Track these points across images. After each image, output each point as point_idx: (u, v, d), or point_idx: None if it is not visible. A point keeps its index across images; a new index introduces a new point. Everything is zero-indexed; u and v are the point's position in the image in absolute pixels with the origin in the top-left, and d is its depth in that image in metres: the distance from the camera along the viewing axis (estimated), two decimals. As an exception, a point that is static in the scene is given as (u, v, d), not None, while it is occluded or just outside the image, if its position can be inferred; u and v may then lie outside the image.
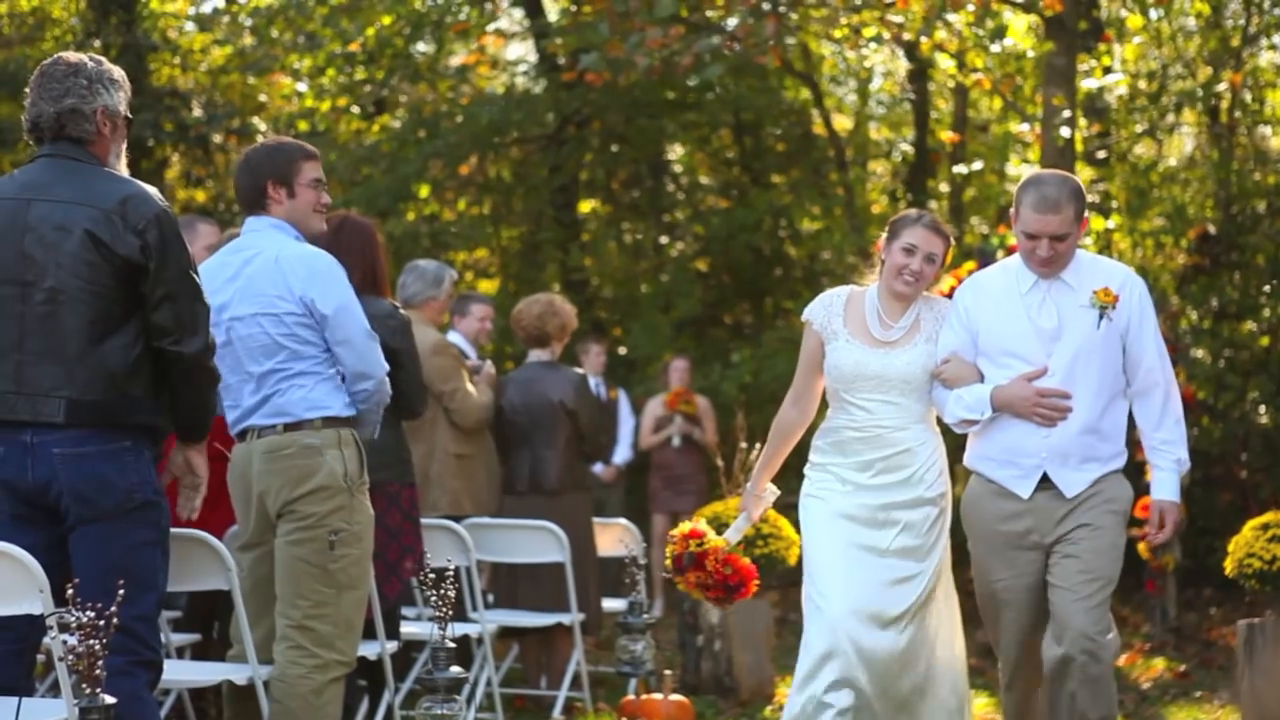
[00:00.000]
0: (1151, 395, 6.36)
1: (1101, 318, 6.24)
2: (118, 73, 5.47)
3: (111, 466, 5.24)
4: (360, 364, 6.12)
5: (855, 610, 6.40)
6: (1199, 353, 13.29)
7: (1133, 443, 6.66)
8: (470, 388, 8.84)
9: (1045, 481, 6.31)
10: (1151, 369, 6.34)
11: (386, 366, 6.24)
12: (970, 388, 6.38)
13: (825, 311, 6.66)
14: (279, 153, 6.25)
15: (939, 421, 6.65)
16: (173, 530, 5.55)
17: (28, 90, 5.54)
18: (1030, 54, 13.32)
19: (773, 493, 6.88)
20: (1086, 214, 6.29)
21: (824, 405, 6.79)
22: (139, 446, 5.31)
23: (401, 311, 7.49)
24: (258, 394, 6.12)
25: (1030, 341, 6.29)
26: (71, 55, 5.46)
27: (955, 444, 6.74)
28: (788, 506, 7.27)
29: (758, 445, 9.82)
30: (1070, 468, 6.28)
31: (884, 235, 6.63)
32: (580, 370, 9.68)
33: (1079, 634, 6.13)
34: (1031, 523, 6.32)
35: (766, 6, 11.59)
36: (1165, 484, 6.36)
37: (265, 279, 6.08)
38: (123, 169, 5.47)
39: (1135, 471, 6.30)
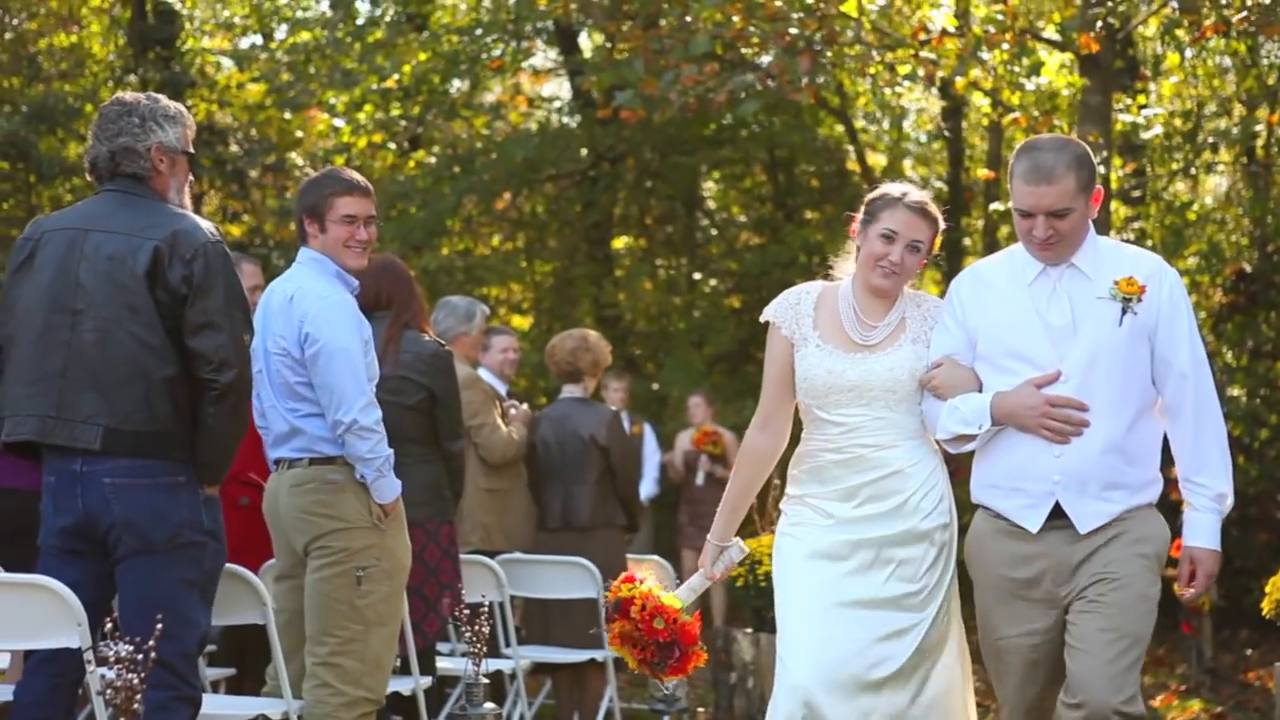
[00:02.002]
0: (1182, 413, 5.23)
1: (1124, 312, 5.17)
2: (175, 109, 5.56)
3: (165, 499, 5.28)
4: (332, 409, 6.06)
5: (825, 677, 5.25)
6: (1235, 391, 13.24)
7: (1170, 477, 5.52)
8: (500, 423, 8.86)
9: (1059, 514, 5.20)
10: (1182, 379, 5.20)
11: (356, 418, 6.02)
12: (966, 397, 5.30)
13: (792, 311, 5.56)
14: (316, 186, 6.29)
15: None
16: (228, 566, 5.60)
17: (71, 127, 5.62)
18: (1065, 92, 13.31)
19: (740, 549, 5.71)
20: (1098, 185, 5.26)
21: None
22: (193, 483, 5.35)
23: (445, 349, 7.54)
24: (287, 424, 6.15)
25: (1038, 340, 5.22)
26: (128, 95, 5.57)
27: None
28: None
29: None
30: (1090, 496, 5.16)
31: (859, 216, 5.59)
32: (614, 407, 9.69)
33: (1102, 706, 5.04)
34: (1044, 568, 5.23)
35: (801, 44, 11.61)
36: (1199, 527, 5.25)
37: (281, 317, 6.12)
38: (185, 202, 5.54)
39: (1170, 512, 5.48)
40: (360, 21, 17.23)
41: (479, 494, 8.82)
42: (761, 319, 5.60)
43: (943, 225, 5.57)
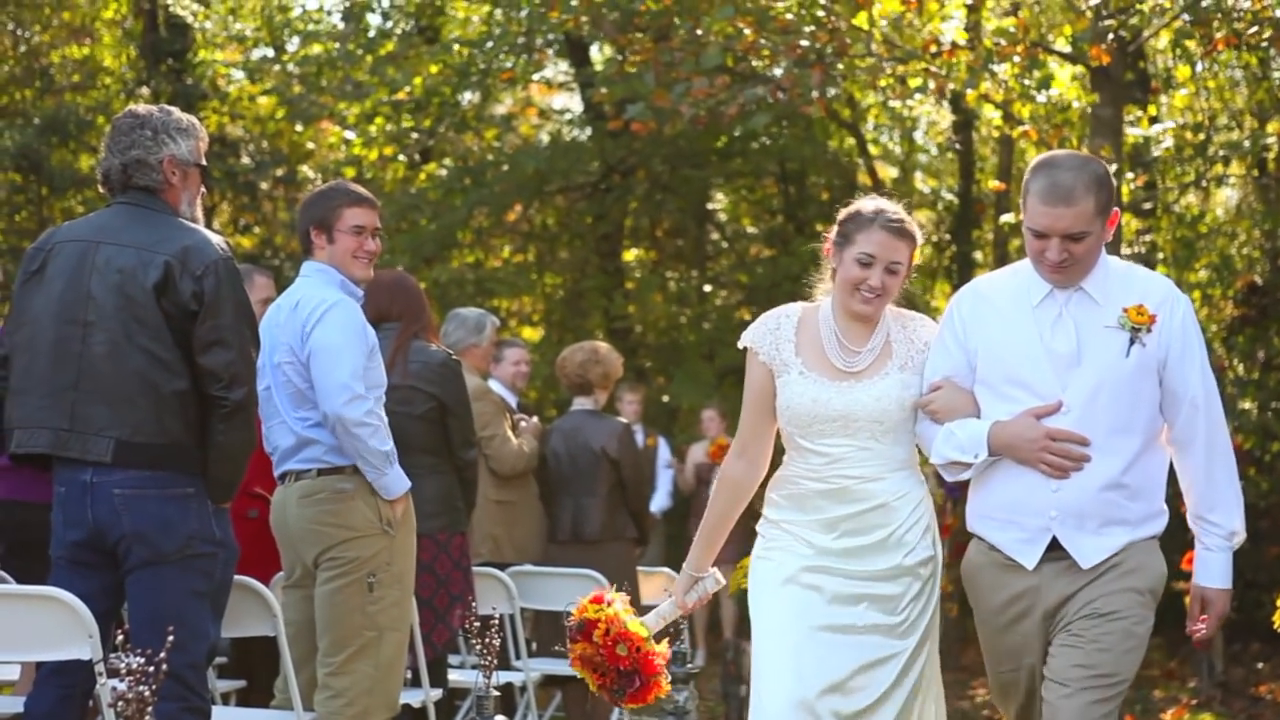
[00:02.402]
0: (1193, 447, 5.00)
1: (1133, 343, 4.92)
2: (187, 121, 5.57)
3: (174, 510, 5.29)
4: (324, 406, 6.09)
5: (802, 702, 5.02)
6: (1246, 404, 13.22)
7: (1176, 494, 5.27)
8: (510, 434, 8.86)
9: (1056, 548, 4.97)
10: (1194, 411, 4.97)
11: (340, 412, 6.04)
12: (964, 423, 5.06)
13: (771, 337, 5.29)
14: (324, 197, 6.32)
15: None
16: (237, 578, 5.60)
17: (83, 139, 5.63)
18: (1076, 105, 13.31)
19: (715, 580, 5.43)
20: (1115, 209, 4.98)
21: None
22: (202, 495, 5.36)
23: (453, 358, 7.55)
24: (294, 438, 6.16)
25: (1040, 368, 4.96)
26: (141, 108, 5.57)
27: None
28: None
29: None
30: (1088, 531, 4.93)
31: (832, 235, 5.31)
32: (624, 420, 9.69)
33: None
34: (1037, 602, 5.02)
35: (812, 57, 11.62)
36: (1211, 566, 5.05)
37: (288, 327, 6.15)
38: (197, 215, 5.55)
39: (1180, 525, 5.28)
40: (371, 34, 17.26)
41: (489, 506, 8.82)
42: (740, 344, 5.34)
43: (920, 240, 5.29)
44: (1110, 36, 11.31)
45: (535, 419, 9.40)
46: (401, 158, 18.17)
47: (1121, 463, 4.92)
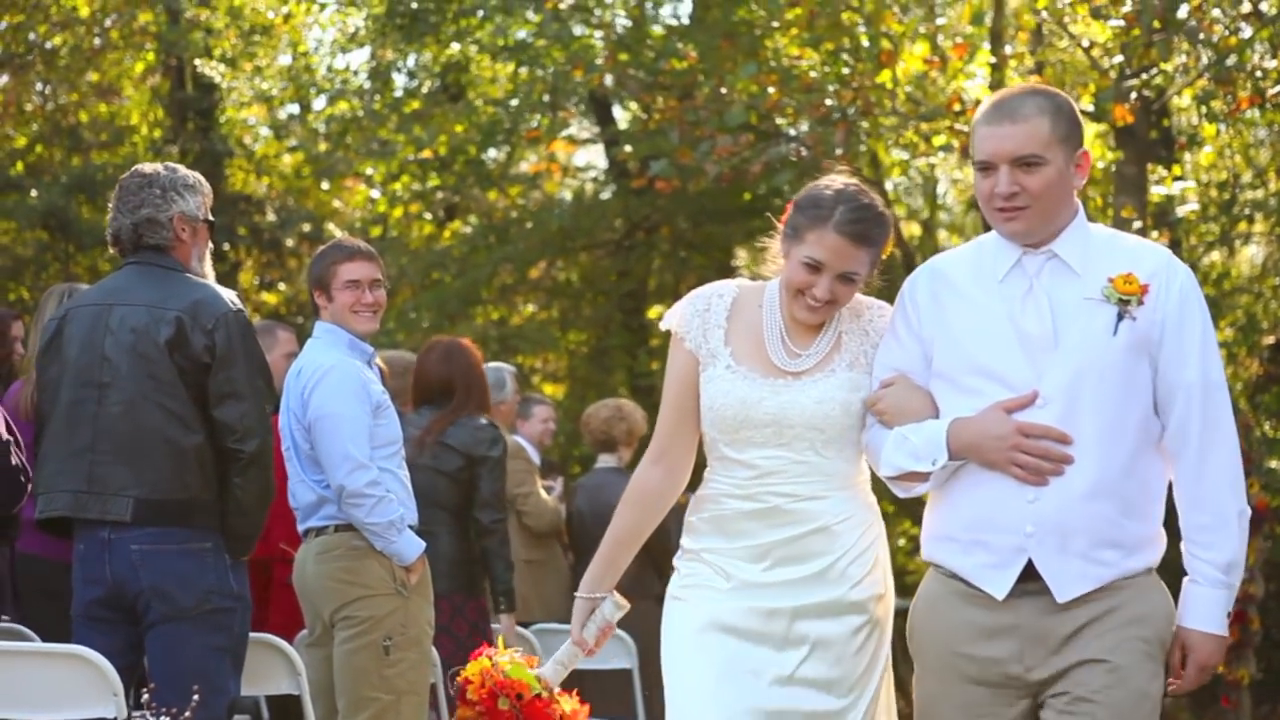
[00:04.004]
0: (1185, 450, 4.05)
1: (1121, 318, 4.01)
2: (194, 178, 5.59)
3: (191, 565, 5.30)
4: (328, 476, 6.11)
5: None
6: (1273, 463, 13.16)
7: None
8: (542, 491, 8.87)
9: (1032, 575, 4.02)
10: (1188, 405, 4.02)
11: (343, 484, 6.07)
12: (920, 425, 4.14)
13: (699, 320, 4.38)
14: (319, 259, 6.39)
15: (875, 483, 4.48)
16: (253, 635, 5.59)
17: (110, 197, 5.66)
18: (1100, 163, 13.32)
19: (614, 605, 4.51)
20: (1085, 148, 4.12)
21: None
22: (220, 550, 5.36)
23: (493, 425, 7.56)
24: (314, 495, 6.19)
25: (1009, 353, 4.05)
26: (147, 166, 5.59)
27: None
28: None
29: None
30: (1072, 554, 3.98)
31: (785, 218, 4.39)
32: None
33: None
34: (1014, 649, 4.03)
35: (836, 115, 11.65)
36: (1198, 604, 4.07)
37: (293, 392, 6.20)
38: (207, 271, 5.58)
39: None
40: (397, 93, 17.35)
41: (520, 565, 8.81)
42: (662, 326, 4.48)
43: (889, 227, 4.37)
44: (1134, 95, 11.33)
45: (561, 479, 9.40)
46: (427, 215, 18.24)
47: (1113, 467, 3.99)
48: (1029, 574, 4.02)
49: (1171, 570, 4.14)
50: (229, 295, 5.45)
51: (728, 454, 4.36)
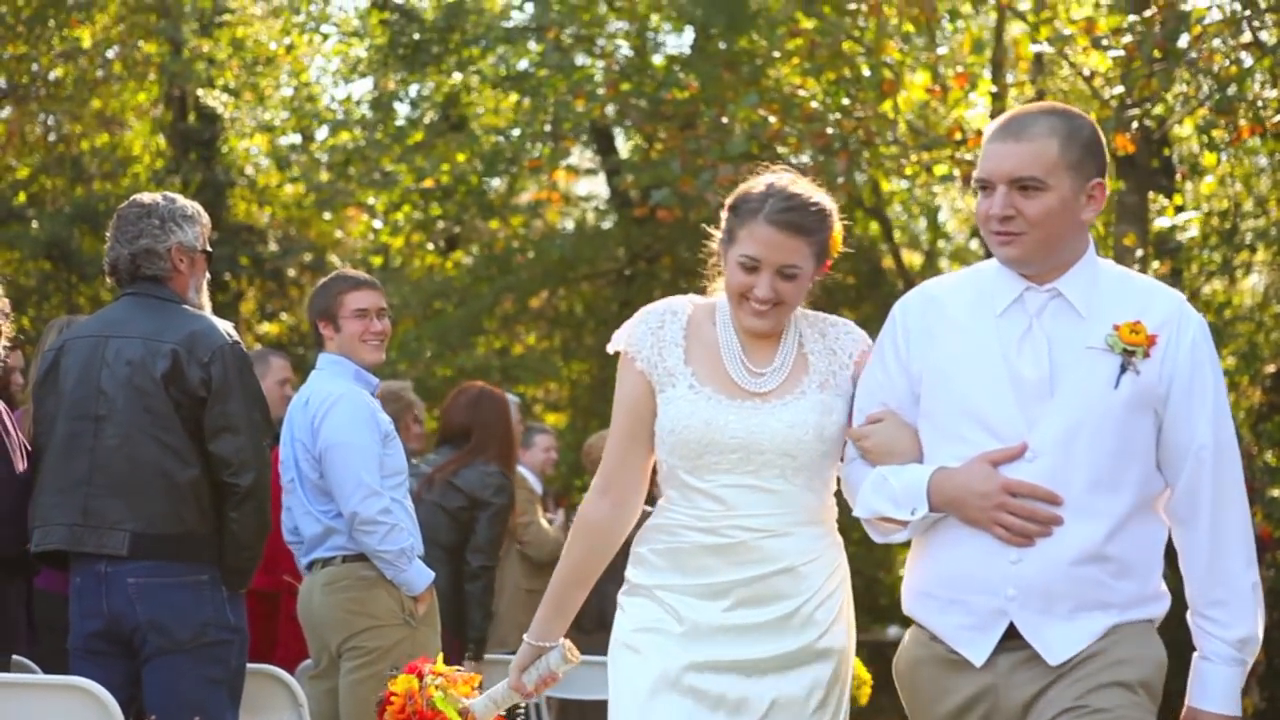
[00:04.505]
0: (1196, 518, 3.73)
1: (1124, 370, 3.69)
2: (192, 208, 5.56)
3: (188, 598, 5.28)
4: (340, 505, 6.11)
5: None
6: (1275, 492, 13.14)
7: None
8: (543, 521, 8.86)
9: (1014, 636, 3.72)
10: (1198, 471, 3.71)
11: (356, 510, 6.07)
12: (901, 470, 3.81)
13: (652, 339, 4.05)
14: (323, 290, 6.38)
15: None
16: (250, 665, 5.57)
17: (105, 225, 5.65)
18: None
19: (562, 655, 4.22)
20: (1100, 179, 3.76)
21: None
22: (217, 582, 5.34)
23: (503, 473, 7.55)
24: (320, 527, 6.18)
25: (1000, 398, 3.72)
26: (145, 196, 5.56)
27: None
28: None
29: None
30: (1057, 617, 3.69)
31: (723, 220, 4.07)
32: (648, 508, 9.67)
33: None
34: (989, 706, 3.76)
35: (837, 144, 11.67)
36: (1211, 682, 3.75)
37: (300, 422, 6.19)
38: (204, 301, 5.56)
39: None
40: (400, 123, 17.39)
41: (520, 595, 8.80)
42: (610, 348, 4.16)
43: (833, 220, 4.02)
44: (1135, 125, 11.34)
45: (563, 510, 9.39)
46: (428, 245, 18.27)
47: (1103, 528, 3.68)
48: (1011, 635, 3.72)
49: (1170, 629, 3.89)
50: (225, 327, 5.43)
51: (688, 482, 3.97)
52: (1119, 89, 11.46)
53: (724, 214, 4.04)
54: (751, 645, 3.90)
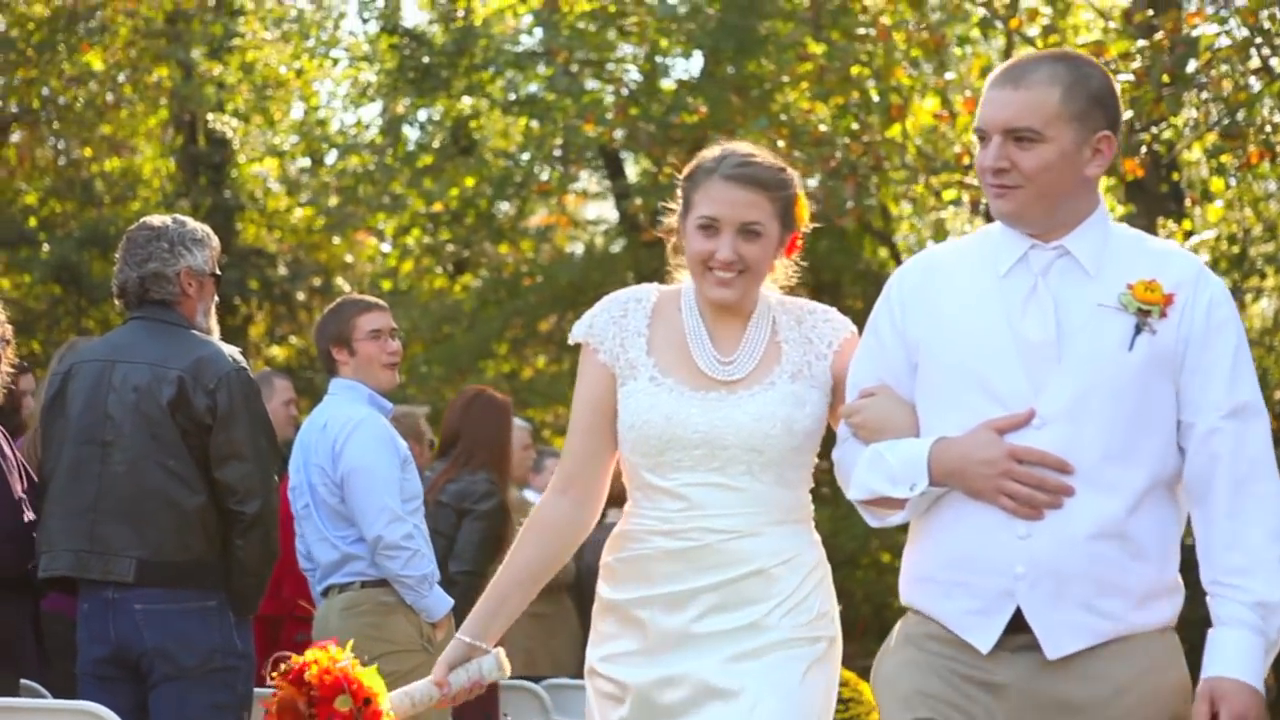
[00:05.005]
0: (1212, 490, 3.37)
1: (1139, 331, 3.37)
2: (202, 231, 5.54)
3: (195, 624, 5.27)
4: (364, 530, 6.10)
5: None
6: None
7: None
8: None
9: (1020, 626, 3.36)
10: (1212, 437, 3.37)
11: (381, 534, 6.04)
12: (897, 443, 3.48)
13: (615, 328, 3.79)
14: (335, 314, 6.36)
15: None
16: (257, 690, 5.55)
17: (114, 249, 5.64)
18: (1110, 218, 13.34)
19: (496, 663, 3.87)
20: (1107, 131, 3.46)
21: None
22: (224, 608, 5.33)
23: (488, 479, 7.50)
24: (337, 553, 6.17)
25: (1005, 362, 3.40)
26: (155, 219, 5.54)
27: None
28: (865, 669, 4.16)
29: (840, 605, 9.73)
30: (1069, 602, 3.33)
31: (679, 195, 3.83)
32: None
33: None
34: (994, 711, 3.38)
35: (846, 169, 11.68)
36: (1225, 649, 3.31)
37: (318, 447, 6.17)
38: (212, 325, 5.54)
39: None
40: (409, 147, 17.44)
41: (524, 619, 8.72)
42: (571, 339, 3.87)
43: (794, 184, 3.81)
44: (1144, 149, 11.35)
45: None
46: (437, 269, 18.29)
47: (1120, 503, 3.35)
48: (1017, 626, 3.37)
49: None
50: (231, 353, 5.41)
51: (651, 481, 3.73)
52: (1128, 113, 11.47)
53: (680, 189, 3.81)
54: (726, 651, 3.66)
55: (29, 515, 5.36)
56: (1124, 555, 3.35)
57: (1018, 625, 3.36)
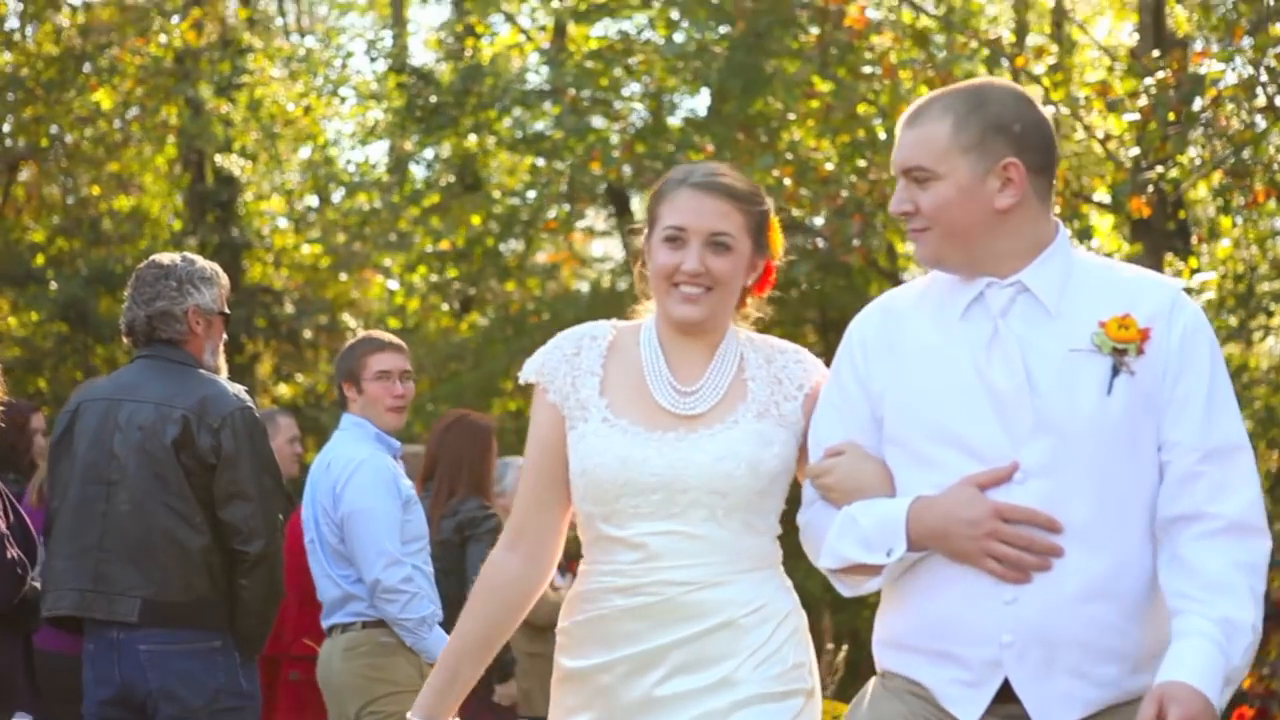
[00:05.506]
0: (1186, 528, 3.07)
1: (1116, 373, 3.09)
2: (211, 270, 5.53)
3: (200, 664, 5.25)
4: (362, 572, 6.08)
5: None
6: (1294, 557, 13.07)
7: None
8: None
9: (1009, 695, 3.09)
10: (1189, 479, 3.08)
11: (379, 578, 6.00)
12: (871, 504, 3.19)
13: (566, 367, 3.46)
14: (349, 352, 6.37)
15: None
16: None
17: (122, 287, 5.64)
18: (1117, 256, 13.35)
19: None
20: (1013, 160, 3.15)
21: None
22: (230, 648, 5.32)
23: (482, 507, 7.44)
24: (339, 591, 6.16)
25: (978, 413, 3.12)
26: (164, 257, 5.54)
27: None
28: None
29: (845, 646, 9.68)
30: (1059, 673, 3.06)
31: (645, 215, 3.54)
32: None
33: None
34: None
35: (852, 207, 11.70)
36: (1186, 656, 2.98)
37: (322, 486, 6.17)
38: (220, 364, 5.54)
39: None
40: (416, 186, 17.48)
41: (522, 659, 8.75)
42: (521, 378, 3.54)
43: (768, 204, 3.48)
44: (1150, 188, 11.37)
45: (570, 576, 9.34)
46: (444, 307, 18.31)
47: (1112, 561, 3.07)
48: (1005, 697, 3.10)
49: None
50: (237, 391, 5.40)
51: (606, 532, 3.38)
52: (1134, 151, 11.49)
53: (647, 209, 3.53)
54: (682, 714, 3.31)
55: (12, 551, 5.35)
56: (1117, 617, 3.08)
57: (1006, 694, 3.09)
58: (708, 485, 3.32)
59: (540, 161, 16.34)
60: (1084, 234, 13.17)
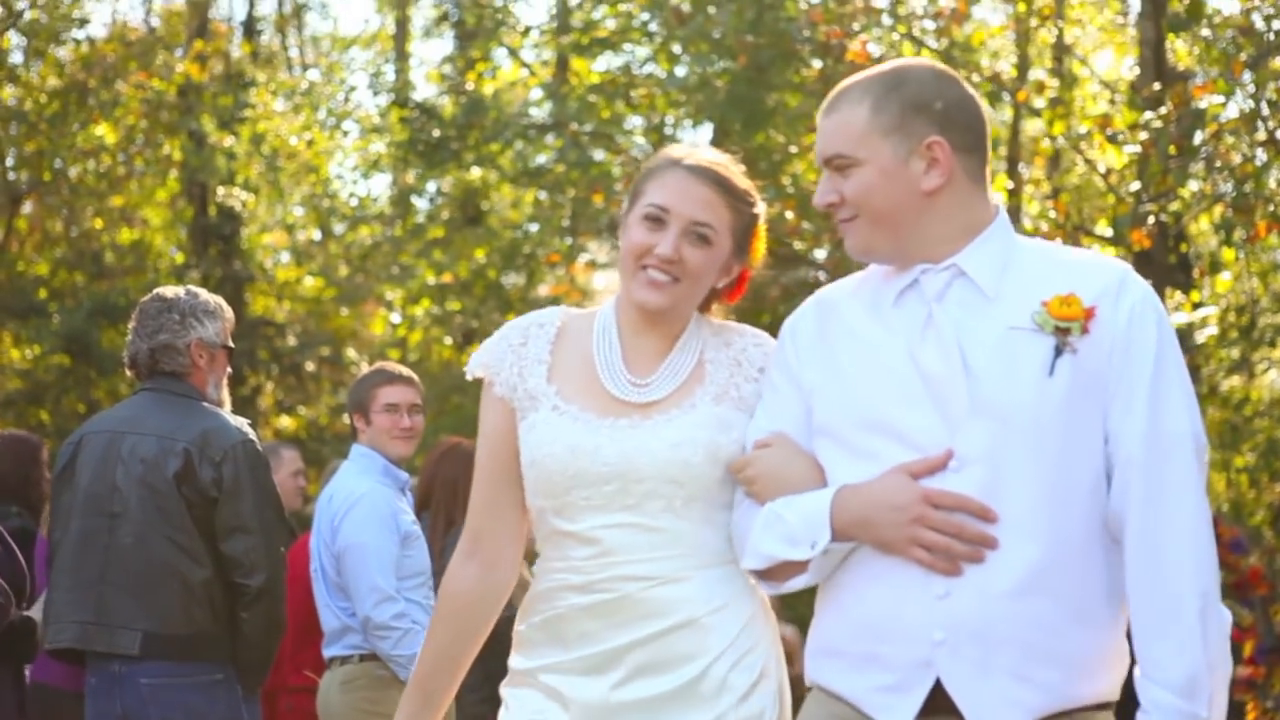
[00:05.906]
0: (1128, 525, 2.87)
1: (1059, 353, 2.88)
2: (214, 303, 5.52)
3: (201, 697, 5.24)
4: (355, 607, 6.08)
5: None
6: (1298, 590, 13.05)
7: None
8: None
9: (942, 704, 2.86)
10: (1129, 464, 2.87)
11: (369, 615, 6.02)
12: (796, 498, 2.99)
13: (512, 357, 3.29)
14: (360, 383, 6.41)
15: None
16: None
17: (125, 319, 5.65)
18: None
19: None
20: (937, 139, 2.97)
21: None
22: (232, 680, 5.31)
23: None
24: (338, 622, 6.16)
25: (912, 401, 2.93)
26: (169, 290, 5.53)
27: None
28: None
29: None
30: (996, 674, 2.84)
31: (629, 194, 3.30)
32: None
33: None
34: None
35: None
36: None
37: (324, 518, 6.18)
38: (224, 397, 5.54)
39: None
40: (419, 219, 17.51)
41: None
42: (468, 373, 3.38)
43: (759, 209, 3.31)
44: (1151, 220, 11.38)
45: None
46: (446, 339, 18.32)
47: (1052, 552, 2.85)
48: (937, 700, 2.87)
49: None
50: (239, 424, 5.40)
51: (558, 527, 3.19)
52: (1135, 185, 11.51)
53: (634, 184, 3.31)
54: (654, 717, 3.10)
55: None
56: (1058, 615, 2.85)
57: (939, 702, 2.86)
58: (664, 474, 3.12)
59: (543, 195, 16.36)
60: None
